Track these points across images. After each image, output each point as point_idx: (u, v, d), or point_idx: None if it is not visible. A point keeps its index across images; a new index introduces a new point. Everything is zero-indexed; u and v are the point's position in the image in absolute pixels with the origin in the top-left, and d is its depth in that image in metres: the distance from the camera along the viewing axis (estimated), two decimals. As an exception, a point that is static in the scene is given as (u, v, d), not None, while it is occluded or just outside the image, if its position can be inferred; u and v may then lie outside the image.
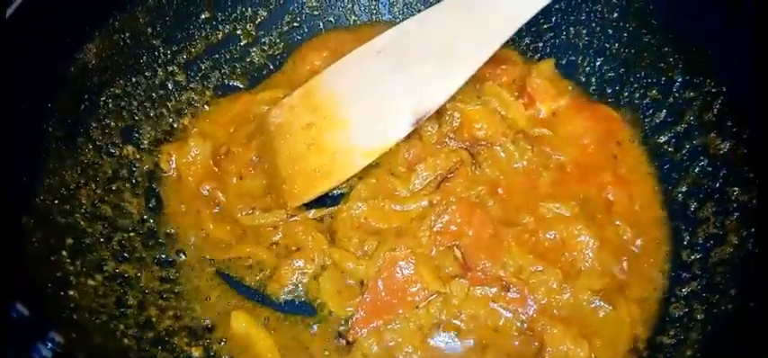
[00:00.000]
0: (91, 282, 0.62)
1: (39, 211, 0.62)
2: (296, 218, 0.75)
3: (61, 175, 0.67)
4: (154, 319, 0.65)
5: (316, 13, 0.98)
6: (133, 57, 0.80)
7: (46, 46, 0.68)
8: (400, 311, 0.67)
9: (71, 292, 0.59)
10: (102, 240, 0.67)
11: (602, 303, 0.66)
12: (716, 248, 0.68)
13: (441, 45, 0.78)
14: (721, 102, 0.74)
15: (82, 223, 0.67)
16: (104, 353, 0.57)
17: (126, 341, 0.60)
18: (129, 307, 0.64)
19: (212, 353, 0.65)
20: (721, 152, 0.73)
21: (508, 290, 0.67)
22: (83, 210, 0.68)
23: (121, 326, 0.61)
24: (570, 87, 0.89)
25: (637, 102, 0.85)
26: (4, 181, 0.59)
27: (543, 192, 0.76)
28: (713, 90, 0.75)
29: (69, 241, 0.63)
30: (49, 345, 0.50)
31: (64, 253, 0.62)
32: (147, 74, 0.82)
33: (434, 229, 0.71)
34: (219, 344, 0.66)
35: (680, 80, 0.80)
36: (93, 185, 0.71)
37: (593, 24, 0.89)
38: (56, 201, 0.65)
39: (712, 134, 0.74)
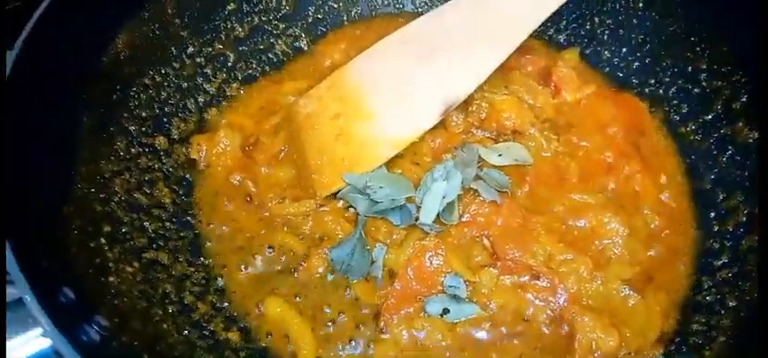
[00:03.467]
0: (129, 269, 0.63)
1: (77, 200, 0.63)
2: (325, 207, 0.75)
3: (97, 165, 0.68)
4: (190, 305, 0.66)
5: (339, 4, 0.99)
6: (162, 48, 0.81)
7: (79, 37, 0.69)
8: (430, 299, 0.68)
9: (111, 279, 0.60)
10: (137, 228, 0.69)
11: (632, 292, 0.67)
12: (747, 236, 0.68)
13: (467, 35, 0.78)
14: (749, 92, 0.74)
15: (118, 211, 0.68)
16: (144, 337, 0.58)
17: (164, 326, 0.61)
18: (166, 293, 0.65)
19: (249, 337, 0.66)
20: (749, 141, 0.73)
21: (538, 279, 0.68)
22: (118, 199, 0.69)
23: (160, 312, 0.62)
24: (596, 76, 0.89)
25: (662, 91, 0.85)
26: (43, 170, 0.61)
27: (571, 181, 0.77)
28: (742, 79, 0.75)
29: (107, 229, 0.65)
30: (95, 328, 0.51)
31: (102, 240, 0.63)
32: (175, 65, 0.83)
33: (463, 219, 0.72)
34: (255, 328, 0.67)
35: (706, 69, 0.80)
36: (128, 175, 0.72)
37: (618, 13, 0.89)
38: (93, 190, 0.66)
39: (740, 123, 0.75)
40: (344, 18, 0.99)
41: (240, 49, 0.90)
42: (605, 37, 0.91)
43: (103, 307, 0.56)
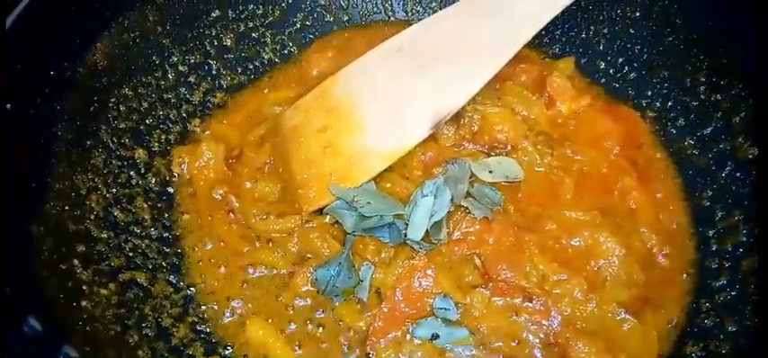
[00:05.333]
0: (103, 292, 0.61)
1: (48, 218, 0.60)
2: (311, 223, 0.73)
3: (71, 180, 0.66)
4: (169, 329, 0.63)
5: (328, 11, 0.96)
6: (143, 57, 0.79)
7: (54, 46, 0.66)
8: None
9: (83, 303, 0.58)
10: (113, 247, 0.66)
11: (628, 316, 0.64)
12: (746, 258, 0.66)
13: (460, 45, 0.76)
14: (750, 106, 0.72)
15: (93, 230, 0.65)
16: (118, 366, 0.56)
17: (140, 353, 0.59)
18: (143, 316, 0.62)
19: (229, 363, 0.64)
20: (749, 157, 0.71)
21: (531, 301, 0.65)
22: (93, 216, 0.66)
23: (136, 337, 0.60)
24: (591, 88, 0.87)
25: (660, 104, 0.82)
26: (12, 187, 0.58)
27: (565, 197, 0.74)
28: (742, 93, 0.73)
29: (80, 249, 0.62)
30: (62, 362, 0.48)
31: (75, 261, 0.60)
32: (157, 74, 0.80)
33: (453, 237, 0.70)
34: (236, 352, 0.65)
35: (705, 82, 0.77)
36: (104, 190, 0.69)
37: (615, 23, 0.87)
38: (66, 208, 0.63)
39: (740, 139, 0.72)
40: (333, 25, 0.96)
41: (225, 57, 0.87)
42: (601, 47, 0.88)
43: (74, 335, 0.53)
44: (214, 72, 0.86)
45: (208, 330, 0.66)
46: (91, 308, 0.58)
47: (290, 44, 0.93)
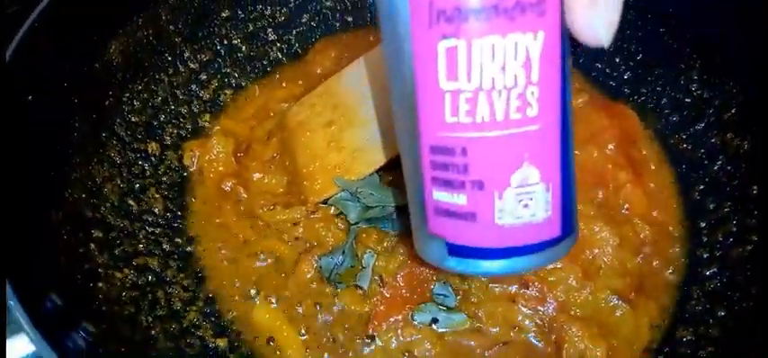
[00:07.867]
0: (118, 275, 0.64)
1: (67, 205, 0.64)
2: (316, 214, 0.75)
3: (88, 171, 0.69)
4: (179, 312, 0.66)
5: (333, 12, 0.99)
6: (156, 54, 0.82)
7: (72, 43, 0.69)
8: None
9: (100, 284, 0.61)
10: (128, 234, 0.69)
11: (621, 302, 0.67)
12: (736, 247, 0.68)
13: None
14: (740, 102, 0.74)
15: (109, 217, 0.68)
16: (132, 344, 0.59)
17: (153, 333, 0.61)
18: (155, 299, 0.65)
19: (237, 344, 0.66)
20: (740, 151, 0.73)
21: (527, 288, 0.67)
22: (109, 205, 0.69)
23: (149, 319, 0.63)
24: (588, 86, 0.89)
25: (654, 100, 0.85)
26: (34, 175, 0.61)
27: (561, 191, 0.76)
28: (733, 90, 0.75)
29: (97, 235, 0.65)
30: (81, 334, 0.51)
31: (92, 246, 0.63)
32: (169, 71, 0.83)
33: (453, 226, 0.72)
34: (244, 335, 0.67)
35: (698, 80, 0.80)
36: (119, 180, 0.72)
37: (611, 24, 0.89)
38: (83, 196, 0.66)
39: (731, 133, 0.75)
40: (338, 26, 0.99)
41: (234, 55, 0.91)
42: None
43: (91, 313, 0.56)
44: (224, 70, 0.90)
45: (216, 314, 0.69)
46: (107, 290, 0.61)
47: (297, 44, 0.96)
